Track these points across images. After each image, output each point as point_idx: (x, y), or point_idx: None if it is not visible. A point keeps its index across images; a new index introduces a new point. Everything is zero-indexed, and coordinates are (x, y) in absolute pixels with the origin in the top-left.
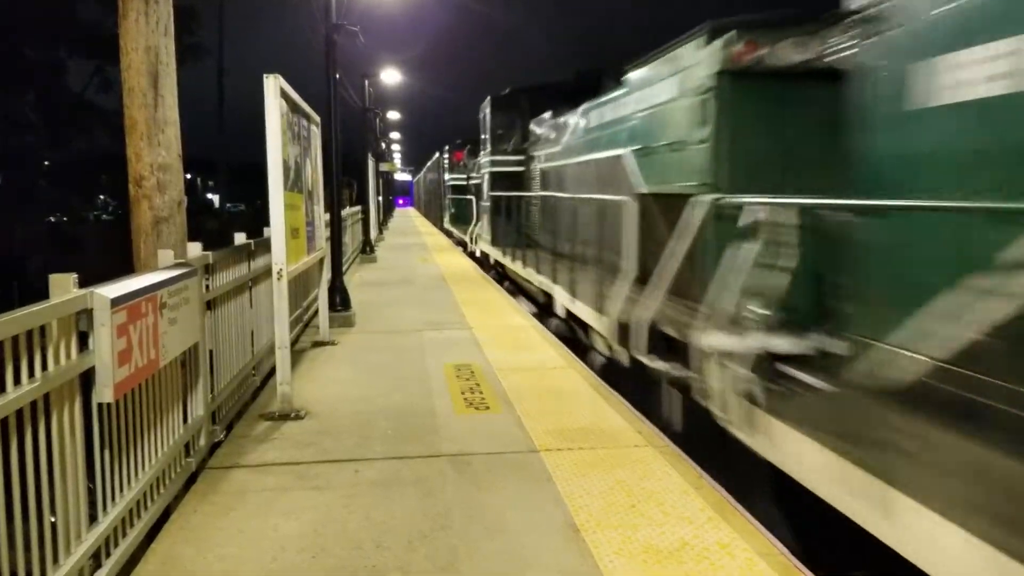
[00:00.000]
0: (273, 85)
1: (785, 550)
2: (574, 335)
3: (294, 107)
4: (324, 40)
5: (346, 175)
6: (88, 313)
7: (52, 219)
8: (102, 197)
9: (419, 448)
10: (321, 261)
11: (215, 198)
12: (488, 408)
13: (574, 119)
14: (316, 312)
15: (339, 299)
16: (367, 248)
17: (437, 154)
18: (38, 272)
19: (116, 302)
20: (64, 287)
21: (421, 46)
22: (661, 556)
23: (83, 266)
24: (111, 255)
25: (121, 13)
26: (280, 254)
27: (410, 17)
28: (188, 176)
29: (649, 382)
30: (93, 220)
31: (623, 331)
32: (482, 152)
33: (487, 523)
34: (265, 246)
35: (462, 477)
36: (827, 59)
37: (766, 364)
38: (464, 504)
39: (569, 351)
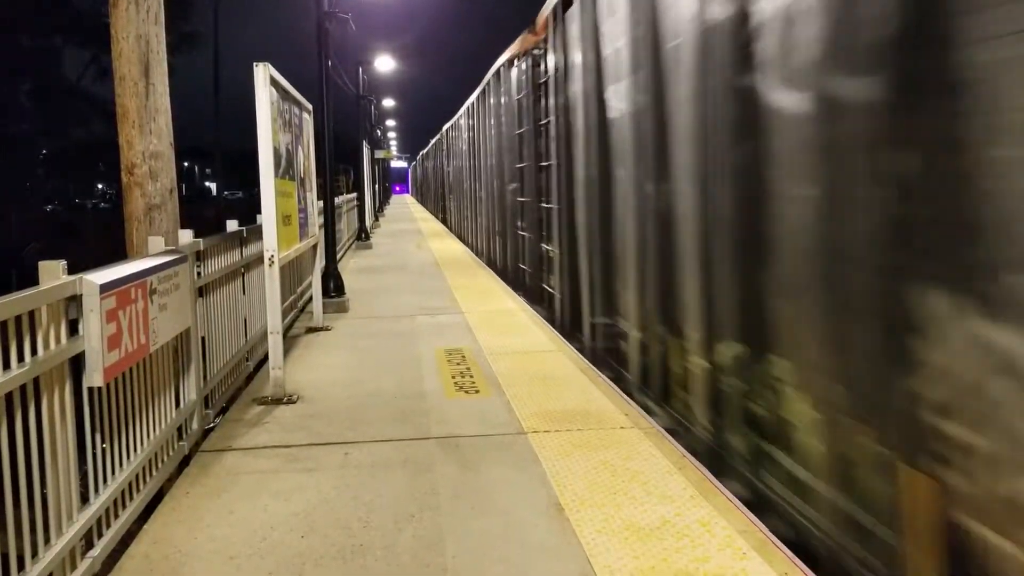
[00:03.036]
0: (263, 74)
1: (763, 527)
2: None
3: (285, 95)
4: (316, 28)
5: (342, 163)
6: (78, 299)
7: (49, 207)
8: (100, 186)
9: (409, 431)
10: (315, 248)
11: (212, 185)
12: (478, 392)
13: None
14: (310, 298)
15: (333, 285)
16: (362, 235)
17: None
18: (35, 260)
19: (105, 288)
20: (54, 273)
21: (415, 33)
22: (642, 533)
23: (80, 254)
24: (108, 243)
25: (112, 2)
26: (271, 241)
27: (404, 4)
28: (185, 164)
29: None
30: (91, 208)
31: None
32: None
33: (473, 503)
34: (257, 233)
35: (450, 459)
36: None
37: None
38: (451, 485)
39: (559, 335)
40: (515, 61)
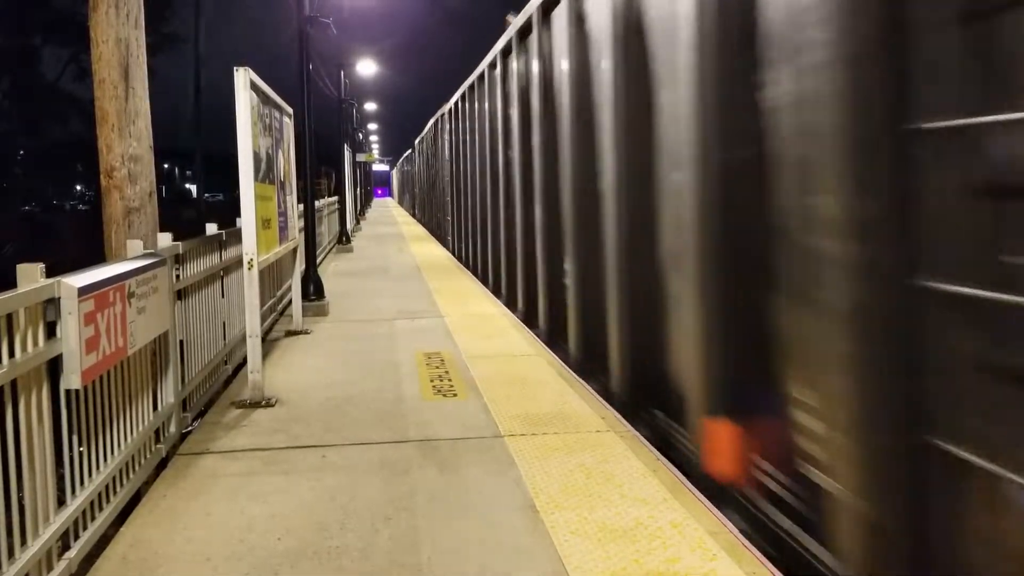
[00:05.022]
0: (243, 78)
1: (734, 528)
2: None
3: (265, 99)
4: (297, 31)
5: (323, 166)
6: (56, 302)
7: (27, 208)
8: (79, 187)
9: (386, 434)
10: (294, 251)
11: (192, 188)
12: (456, 395)
13: None
14: (290, 302)
15: (313, 289)
16: (343, 238)
17: None
18: (12, 262)
19: (83, 291)
20: (32, 276)
21: (397, 38)
22: (615, 535)
23: (59, 256)
24: (87, 245)
25: (91, 5)
26: (251, 244)
27: (385, 8)
28: (165, 166)
29: None
30: (69, 210)
31: None
32: None
33: (449, 506)
34: (237, 236)
35: (427, 461)
36: None
37: None
38: (428, 487)
39: (538, 339)
40: None
